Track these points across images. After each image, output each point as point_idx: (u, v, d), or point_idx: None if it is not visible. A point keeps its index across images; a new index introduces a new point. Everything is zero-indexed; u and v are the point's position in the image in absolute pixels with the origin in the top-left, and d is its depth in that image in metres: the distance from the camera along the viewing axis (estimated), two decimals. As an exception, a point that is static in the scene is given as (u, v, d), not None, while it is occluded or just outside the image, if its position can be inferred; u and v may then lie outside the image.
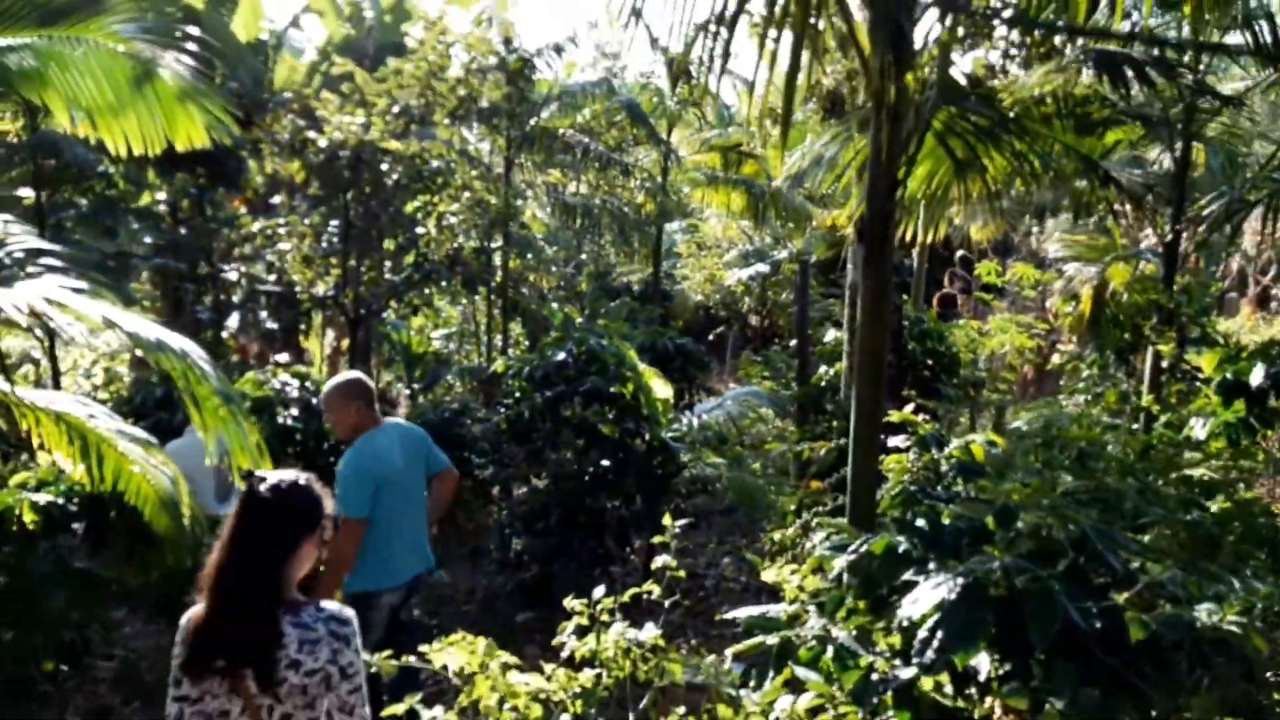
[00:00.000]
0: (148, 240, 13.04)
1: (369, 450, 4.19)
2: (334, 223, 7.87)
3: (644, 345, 9.35)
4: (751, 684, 2.19)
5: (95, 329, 3.02)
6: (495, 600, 6.76)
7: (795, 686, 2.25)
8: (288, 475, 2.45)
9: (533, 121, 11.09)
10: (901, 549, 2.29)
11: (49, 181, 11.06)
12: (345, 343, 10.82)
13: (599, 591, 2.95)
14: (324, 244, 7.91)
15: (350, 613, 2.40)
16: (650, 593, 3.10)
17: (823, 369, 7.08)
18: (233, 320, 12.19)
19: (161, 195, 13.04)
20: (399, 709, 2.61)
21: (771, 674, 2.16)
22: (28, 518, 3.68)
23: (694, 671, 3.09)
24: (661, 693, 3.06)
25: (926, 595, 2.03)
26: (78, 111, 3.88)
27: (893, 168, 2.96)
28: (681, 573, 3.19)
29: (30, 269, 3.02)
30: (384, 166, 7.69)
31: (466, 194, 8.32)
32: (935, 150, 3.82)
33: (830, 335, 7.44)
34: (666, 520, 3.08)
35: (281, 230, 7.88)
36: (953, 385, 6.73)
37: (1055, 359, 8.00)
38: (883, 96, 2.87)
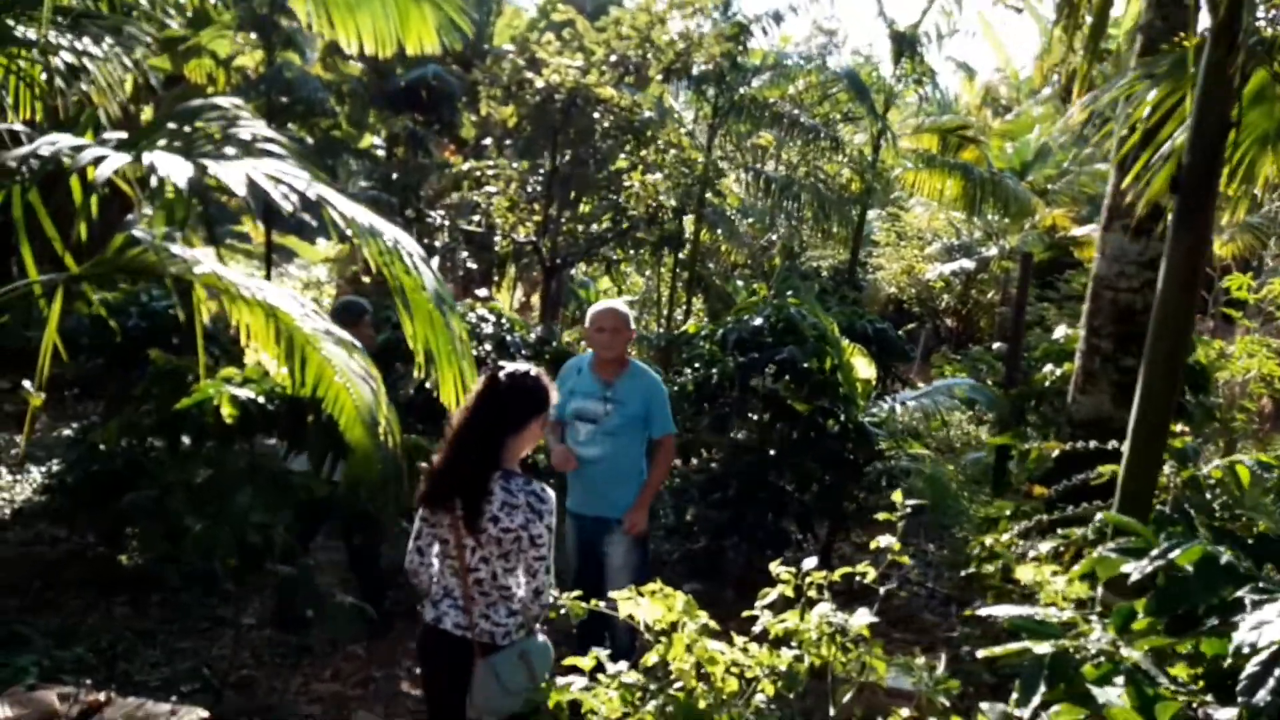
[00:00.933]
0: (363, 184, 13.59)
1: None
2: (540, 171, 7.82)
3: (841, 326, 8.83)
4: (1014, 698, 1.78)
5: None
6: (660, 567, 6.53)
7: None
8: (522, 366, 2.99)
9: (742, 90, 10.72)
10: (1224, 560, 1.81)
11: (280, 116, 11.64)
12: (536, 297, 10.83)
13: (809, 562, 2.60)
14: (528, 190, 7.87)
15: (551, 494, 2.86)
16: (864, 575, 2.73)
17: (1048, 368, 6.37)
18: (433, 264, 12.45)
19: (379, 141, 13.54)
20: (584, 662, 2.36)
21: (1043, 688, 1.74)
22: (225, 410, 3.68)
23: (902, 673, 2.70)
24: (859, 690, 2.69)
25: (1277, 621, 1.57)
26: (315, 6, 3.86)
27: (1225, 106, 2.42)
28: (905, 558, 2.80)
29: (253, 149, 2.96)
30: (595, 114, 7.55)
31: (673, 151, 8.08)
32: (1251, 110, 3.19)
33: (1060, 331, 6.70)
34: (896, 497, 2.68)
35: (490, 173, 7.89)
36: (1199, 405, 5.90)
37: None
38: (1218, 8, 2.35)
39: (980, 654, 1.90)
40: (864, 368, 6.09)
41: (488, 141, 8.29)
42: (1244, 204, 3.36)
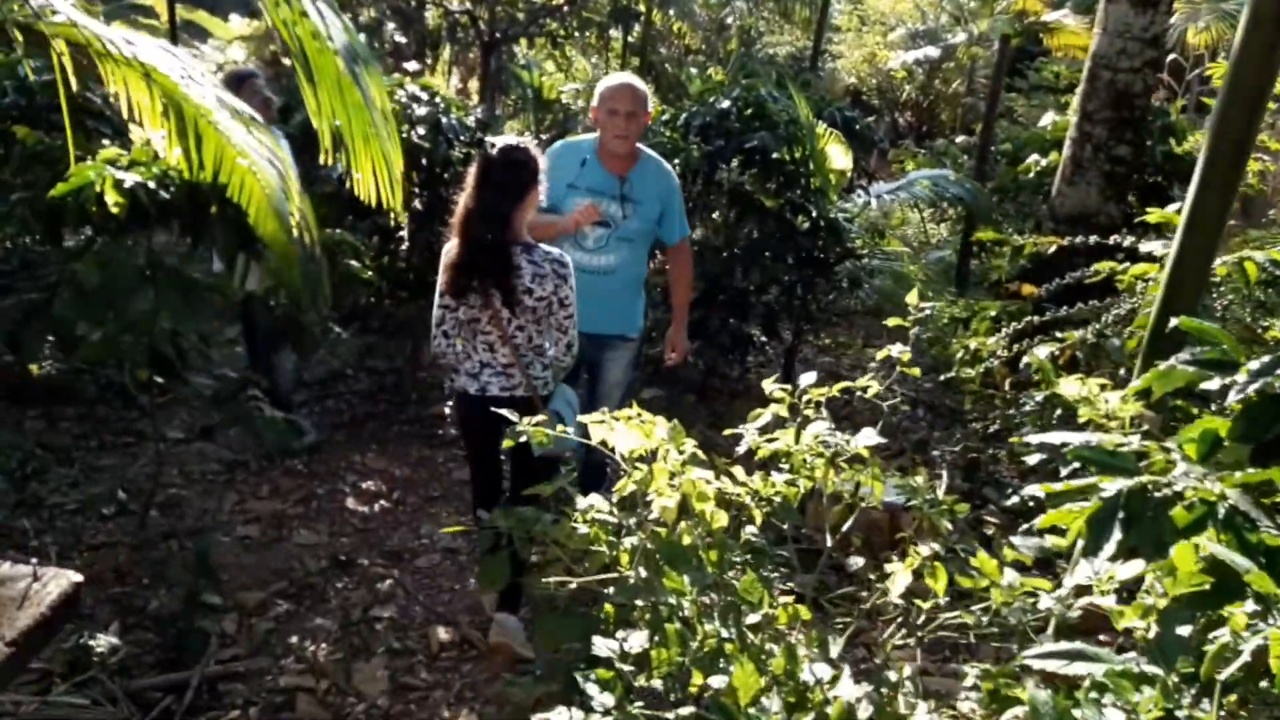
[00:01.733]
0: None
1: None
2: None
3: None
4: (1081, 546, 1.46)
5: None
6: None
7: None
8: (511, 139, 3.09)
9: None
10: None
11: None
12: (474, 81, 9.94)
13: (809, 377, 2.24)
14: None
15: (569, 259, 3.10)
16: (865, 389, 2.39)
17: (1033, 158, 5.92)
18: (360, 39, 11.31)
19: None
20: (547, 489, 2.01)
21: (1117, 535, 1.42)
22: (110, 198, 3.10)
23: (903, 492, 2.42)
24: (851, 509, 2.41)
25: None
26: None
27: None
28: (916, 369, 2.45)
29: None
30: None
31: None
32: None
33: (1047, 118, 6.22)
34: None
35: (416, -71, 6.87)
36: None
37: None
38: None
39: (1029, 491, 1.56)
40: (839, 157, 5.61)
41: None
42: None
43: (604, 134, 3.63)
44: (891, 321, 2.46)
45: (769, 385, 2.22)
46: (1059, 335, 3.59)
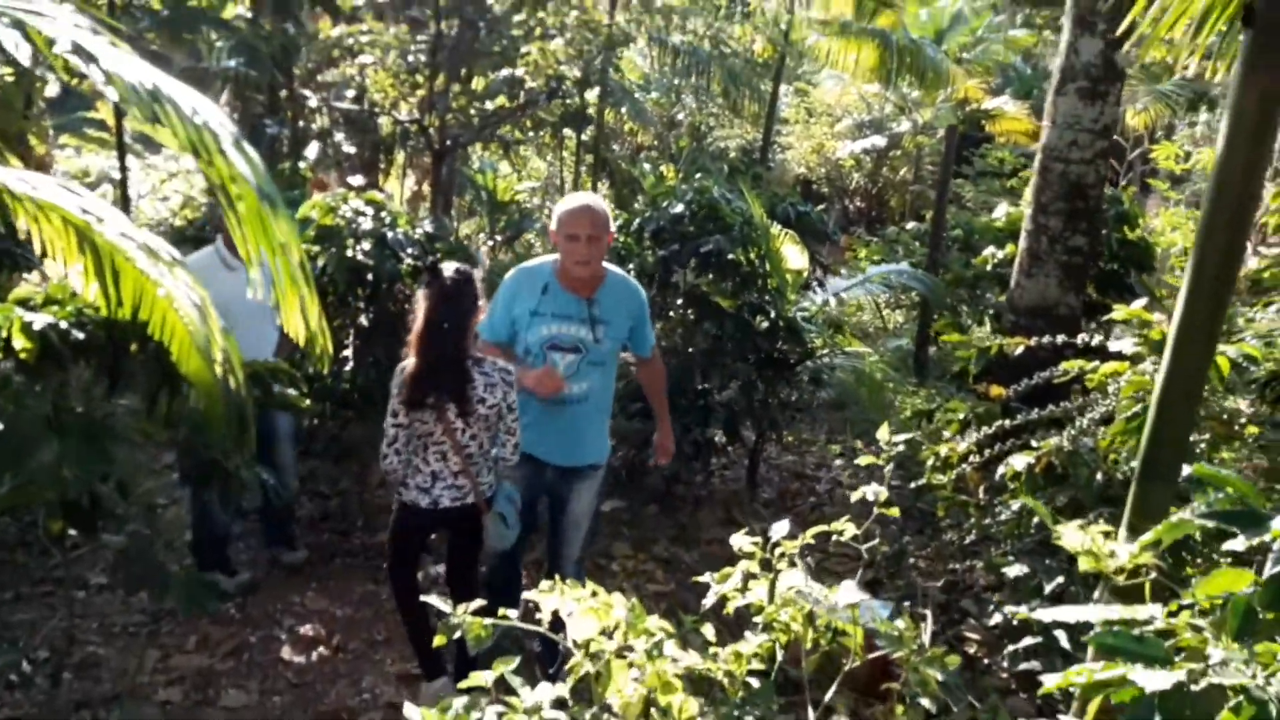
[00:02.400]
0: (230, 63, 12.05)
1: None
2: (423, 36, 6.80)
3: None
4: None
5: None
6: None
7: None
8: (458, 265, 3.32)
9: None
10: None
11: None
12: (428, 185, 9.85)
13: (781, 528, 2.02)
14: (410, 60, 6.86)
15: (512, 368, 3.36)
16: (841, 533, 2.17)
17: (988, 250, 5.88)
18: (311, 151, 11.22)
19: (243, 10, 11.96)
20: (484, 678, 1.74)
21: (1155, 744, 1.21)
22: (19, 342, 2.86)
23: (888, 644, 2.19)
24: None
25: None
26: None
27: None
28: (895, 509, 2.24)
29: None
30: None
31: (575, 14, 7.14)
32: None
33: (1000, 210, 6.20)
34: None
35: (364, 39, 6.81)
36: (1148, 283, 5.51)
37: (1253, 264, 6.67)
38: None
39: (1047, 683, 1.35)
40: (795, 256, 5.51)
41: (360, 1, 7.11)
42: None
43: (565, 259, 3.39)
44: (863, 461, 2.25)
45: (738, 540, 2.00)
46: (1032, 443, 3.43)
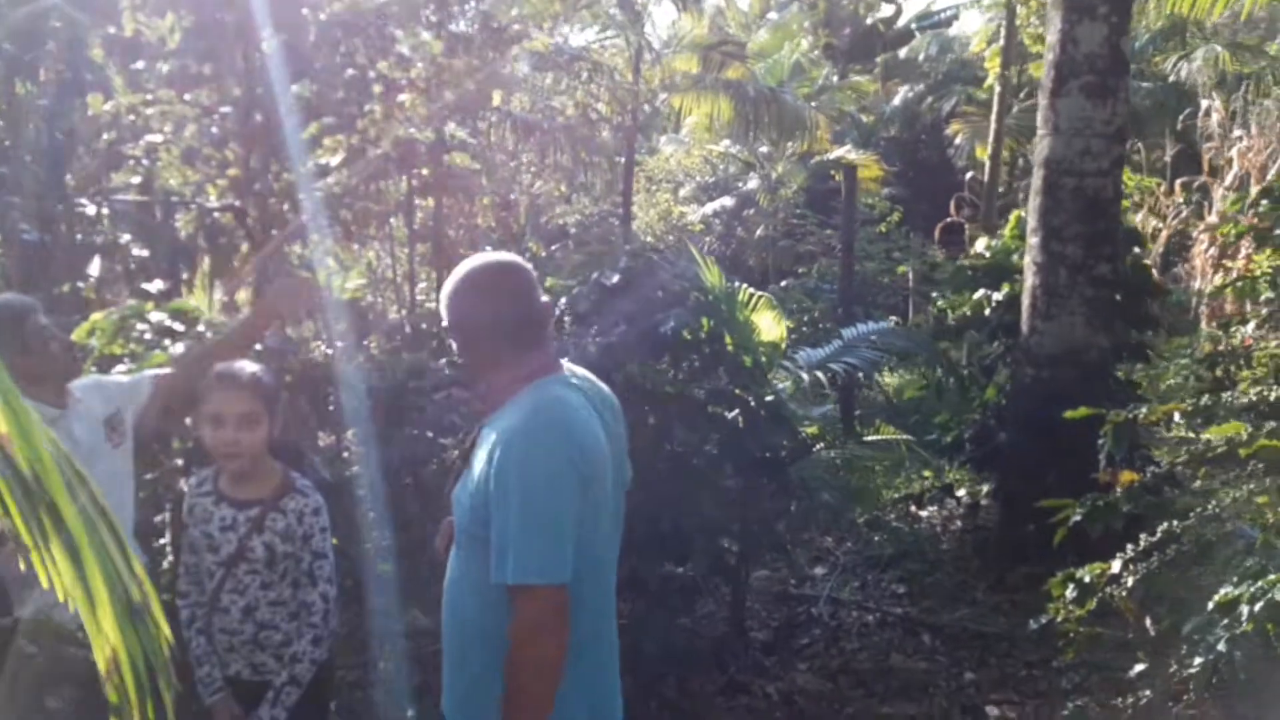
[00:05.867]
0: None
1: (562, 417, 1.83)
2: (226, 109, 5.27)
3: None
4: None
5: None
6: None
7: None
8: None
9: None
10: None
11: None
12: (242, 293, 8.03)
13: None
14: (214, 133, 5.30)
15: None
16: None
17: (980, 293, 4.87)
18: (94, 267, 9.08)
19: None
20: None
21: None
22: None
23: None
24: None
25: None
26: None
27: None
28: None
29: None
30: (304, 11, 5.11)
31: (419, 65, 5.82)
32: None
33: (981, 244, 5.24)
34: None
35: (149, 111, 5.17)
36: (1169, 309, 4.65)
37: (1217, 279, 6.06)
38: None
39: None
40: (769, 325, 4.30)
41: (139, 66, 5.45)
42: None
43: None
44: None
45: None
46: None
